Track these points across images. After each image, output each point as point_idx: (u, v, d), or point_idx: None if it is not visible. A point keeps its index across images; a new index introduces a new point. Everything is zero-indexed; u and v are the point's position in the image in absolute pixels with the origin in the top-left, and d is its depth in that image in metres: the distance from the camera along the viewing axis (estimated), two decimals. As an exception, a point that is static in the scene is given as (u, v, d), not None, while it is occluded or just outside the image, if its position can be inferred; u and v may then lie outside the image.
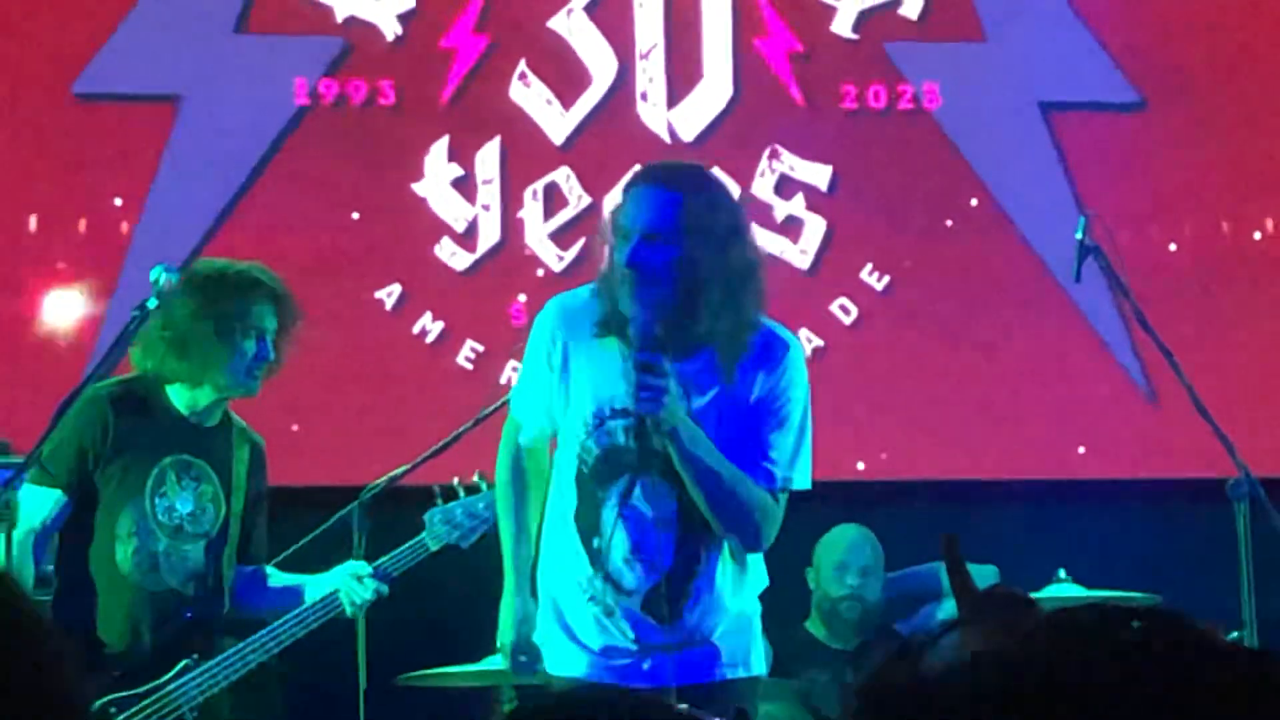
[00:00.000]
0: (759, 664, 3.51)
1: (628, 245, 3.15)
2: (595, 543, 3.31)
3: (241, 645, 4.23)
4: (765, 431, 3.33)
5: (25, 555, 4.25)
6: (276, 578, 4.44)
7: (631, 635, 3.34)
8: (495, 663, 4.25)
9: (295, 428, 5.52)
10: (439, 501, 4.35)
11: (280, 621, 4.28)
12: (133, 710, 4.18)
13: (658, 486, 3.27)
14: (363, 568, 4.27)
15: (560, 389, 3.37)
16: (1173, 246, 5.74)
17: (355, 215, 5.53)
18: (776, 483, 3.28)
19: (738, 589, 3.43)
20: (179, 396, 4.08)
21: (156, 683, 4.23)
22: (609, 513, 3.29)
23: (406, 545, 4.32)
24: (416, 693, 4.65)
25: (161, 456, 4.15)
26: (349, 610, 4.27)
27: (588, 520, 3.32)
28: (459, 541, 4.30)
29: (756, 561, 3.39)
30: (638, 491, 3.30)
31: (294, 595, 4.38)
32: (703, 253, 3.16)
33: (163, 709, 4.21)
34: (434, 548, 4.31)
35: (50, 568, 4.36)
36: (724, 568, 3.36)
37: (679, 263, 3.13)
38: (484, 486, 4.28)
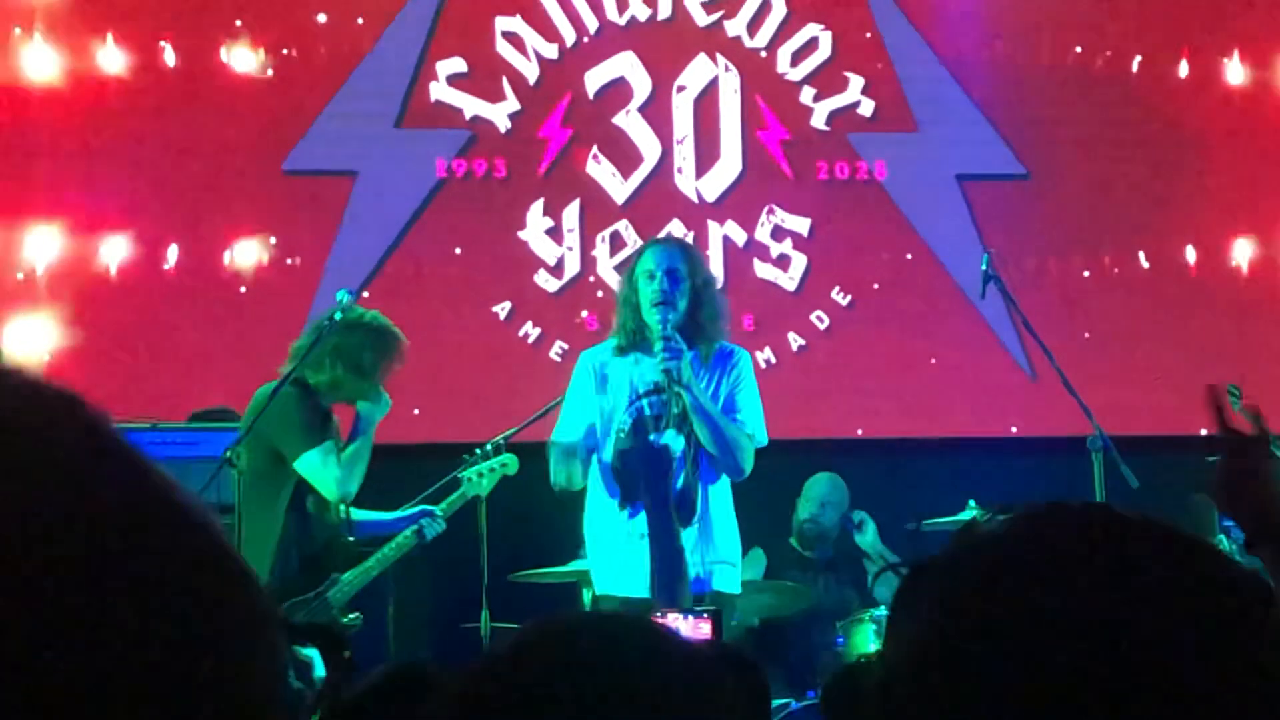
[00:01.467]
0: (734, 585, 4.28)
1: (654, 281, 4.10)
2: (627, 479, 4.19)
3: (364, 564, 4.82)
4: (737, 405, 4.25)
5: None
6: (370, 515, 4.99)
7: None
8: (577, 565, 5.05)
9: (416, 411, 5.95)
10: (466, 463, 5.01)
11: (386, 547, 4.88)
12: (301, 610, 4.68)
13: (674, 435, 4.18)
14: (436, 510, 4.93)
15: (602, 397, 4.24)
16: (1072, 273, 6.55)
17: (478, 254, 6.32)
18: (747, 430, 4.22)
19: (723, 529, 4.24)
20: (319, 376, 4.65)
21: (317, 590, 4.78)
22: (637, 455, 4.19)
23: (455, 495, 4.98)
24: (522, 586, 5.26)
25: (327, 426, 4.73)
26: (428, 538, 4.90)
27: (624, 466, 4.21)
28: (482, 491, 4.98)
29: (732, 512, 4.27)
30: (660, 438, 4.17)
31: (388, 526, 4.96)
32: (696, 287, 4.16)
33: (321, 609, 4.76)
34: (470, 494, 4.97)
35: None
36: (716, 502, 4.22)
37: (687, 290, 4.14)
38: (490, 450, 4.99)
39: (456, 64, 6.29)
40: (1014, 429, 6.36)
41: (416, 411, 5.88)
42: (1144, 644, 0.76)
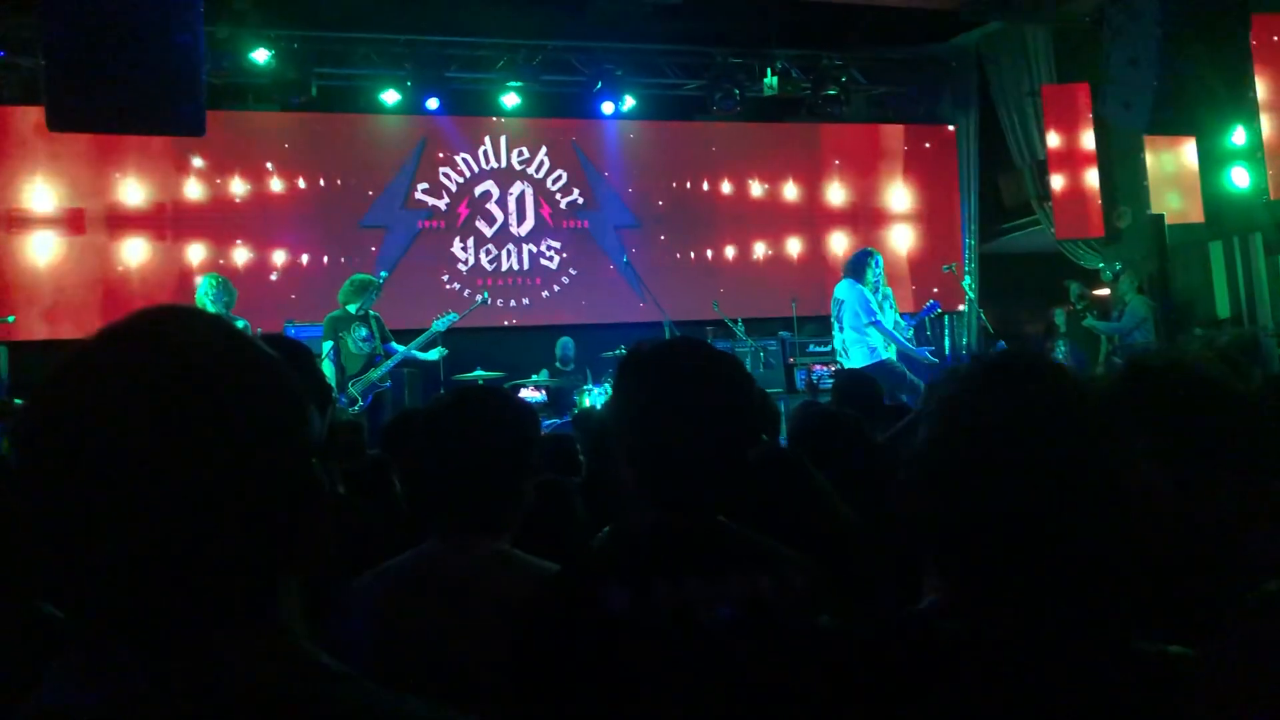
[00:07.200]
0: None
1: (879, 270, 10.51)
2: None
3: (382, 366, 9.13)
4: None
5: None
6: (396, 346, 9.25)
7: None
8: (480, 373, 11.17)
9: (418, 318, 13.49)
10: (437, 317, 9.36)
11: (395, 355, 9.25)
12: (353, 385, 9.45)
13: None
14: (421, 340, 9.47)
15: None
16: (658, 260, 13.90)
17: (436, 259, 13.27)
18: None
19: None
20: (350, 306, 9.01)
21: (363, 375, 9.24)
22: None
23: (430, 332, 9.26)
24: (462, 381, 10.16)
25: (354, 324, 9.07)
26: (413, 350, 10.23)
27: None
28: (441, 328, 9.29)
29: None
30: None
31: (398, 349, 9.41)
32: None
33: (365, 383, 9.22)
34: (436, 330, 9.32)
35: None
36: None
37: None
38: (447, 315, 9.48)
39: (425, 184, 13.29)
40: (635, 319, 13.68)
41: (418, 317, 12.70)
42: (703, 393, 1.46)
